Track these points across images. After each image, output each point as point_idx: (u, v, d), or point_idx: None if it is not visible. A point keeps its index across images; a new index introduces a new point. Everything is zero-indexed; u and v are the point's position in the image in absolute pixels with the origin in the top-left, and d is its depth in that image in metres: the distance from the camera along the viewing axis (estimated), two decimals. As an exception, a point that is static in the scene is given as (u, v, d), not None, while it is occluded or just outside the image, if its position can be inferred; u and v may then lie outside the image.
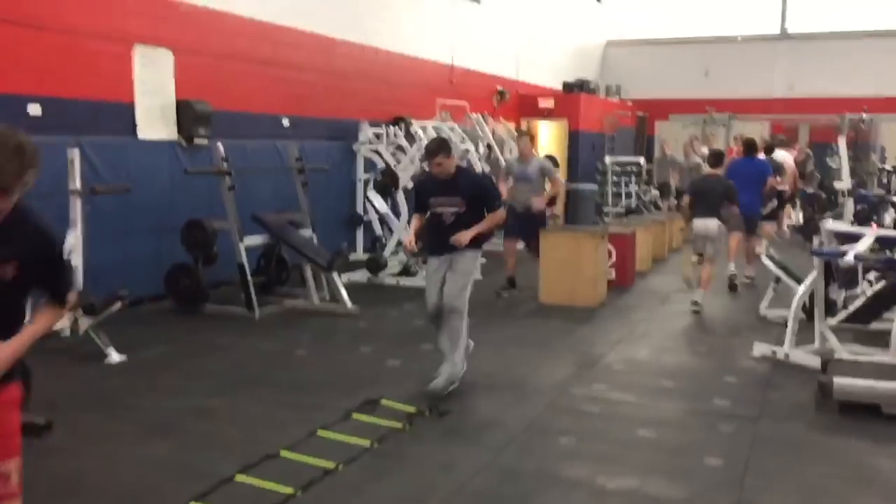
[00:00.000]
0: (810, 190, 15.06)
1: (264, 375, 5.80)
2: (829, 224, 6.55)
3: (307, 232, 8.38)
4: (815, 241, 6.48)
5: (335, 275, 7.91)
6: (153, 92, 8.08)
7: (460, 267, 5.41)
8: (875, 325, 6.95)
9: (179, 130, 8.35)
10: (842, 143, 13.47)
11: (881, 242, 6.14)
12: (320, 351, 6.52)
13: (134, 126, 7.93)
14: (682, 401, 5.42)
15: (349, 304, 7.85)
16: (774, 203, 10.62)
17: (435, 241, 5.55)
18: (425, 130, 9.75)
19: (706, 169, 9.86)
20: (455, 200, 5.44)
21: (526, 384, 5.68)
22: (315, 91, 10.68)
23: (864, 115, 17.73)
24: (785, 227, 14.16)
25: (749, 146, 9.99)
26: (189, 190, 8.16)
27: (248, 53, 9.41)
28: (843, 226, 7.83)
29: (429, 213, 5.57)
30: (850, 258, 5.87)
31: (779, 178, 10.67)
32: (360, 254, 11.15)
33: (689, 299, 8.39)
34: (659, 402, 5.38)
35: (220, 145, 7.66)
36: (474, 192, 5.50)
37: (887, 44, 19.90)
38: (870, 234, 6.08)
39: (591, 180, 16.89)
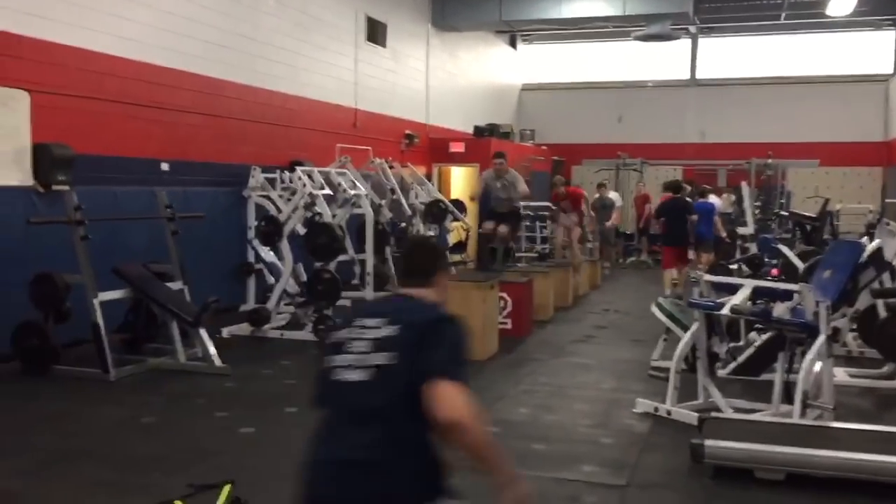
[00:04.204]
0: (722, 234, 15.10)
1: (95, 449, 5.21)
2: (706, 275, 6.32)
3: (177, 284, 7.83)
4: (695, 291, 6.21)
5: (202, 331, 7.36)
6: (4, 136, 7.48)
7: None
8: (766, 376, 6.75)
9: (36, 176, 7.75)
10: (745, 187, 13.50)
11: (759, 294, 5.90)
12: (170, 417, 5.95)
13: (-21, 172, 7.32)
14: (550, 467, 5.02)
15: (217, 361, 7.30)
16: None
17: None
18: (311, 175, 9.31)
19: None
20: None
21: (385, 452, 5.22)
22: (200, 134, 10.18)
23: (769, 161, 18.02)
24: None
25: (702, 192, 13.72)
26: (47, 240, 7.52)
27: (121, 95, 8.88)
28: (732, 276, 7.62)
29: None
30: (725, 311, 5.62)
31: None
32: (251, 305, 10.59)
33: (584, 350, 8.17)
34: (525, 471, 4.95)
35: (72, 192, 7.10)
36: None
37: (794, 90, 20.40)
38: (747, 285, 5.84)
39: (503, 225, 16.63)
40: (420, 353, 2.28)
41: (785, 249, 8.26)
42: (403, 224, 13.67)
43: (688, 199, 13.64)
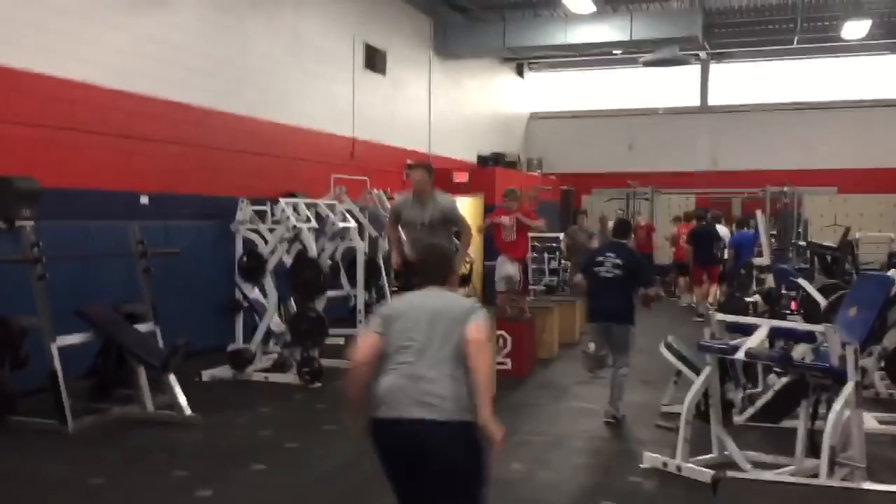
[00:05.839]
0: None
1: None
2: (718, 313, 5.70)
3: (147, 325, 7.29)
4: (707, 332, 5.60)
5: (171, 376, 6.80)
6: (-38, 168, 7.01)
7: None
8: (787, 423, 6.11)
9: (-2, 211, 7.25)
10: (760, 216, 12.84)
11: (778, 334, 5.30)
12: (122, 477, 5.37)
13: (-66, 207, 6.81)
14: (540, 538, 4.40)
15: (187, 410, 6.73)
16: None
17: None
18: (296, 208, 8.78)
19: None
20: None
21: (355, 519, 4.62)
22: (184, 166, 9.70)
23: (786, 188, 17.39)
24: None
25: (740, 223, 14.14)
26: (12, 280, 6.97)
27: (96, 125, 8.42)
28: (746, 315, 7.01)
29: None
30: (740, 355, 5.00)
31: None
32: (239, 345, 10.02)
33: (588, 393, 7.56)
34: (512, 542, 4.35)
35: (29, 229, 6.58)
36: None
37: (809, 116, 19.85)
38: (764, 325, 5.22)
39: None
40: (636, 274, 6.89)
41: (805, 283, 7.62)
42: (404, 257, 13.12)
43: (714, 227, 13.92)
